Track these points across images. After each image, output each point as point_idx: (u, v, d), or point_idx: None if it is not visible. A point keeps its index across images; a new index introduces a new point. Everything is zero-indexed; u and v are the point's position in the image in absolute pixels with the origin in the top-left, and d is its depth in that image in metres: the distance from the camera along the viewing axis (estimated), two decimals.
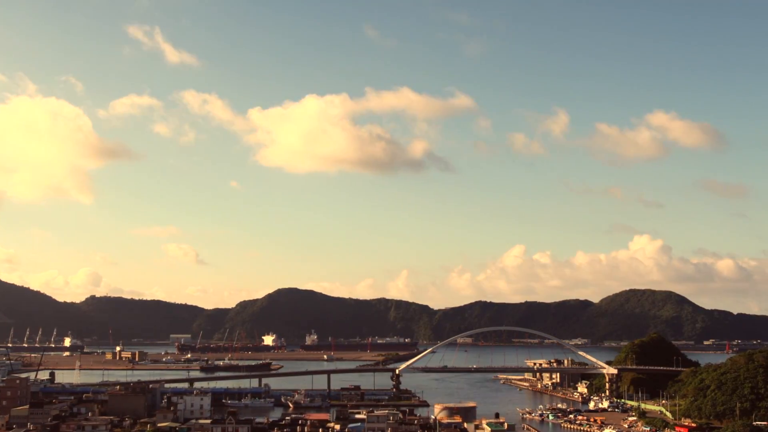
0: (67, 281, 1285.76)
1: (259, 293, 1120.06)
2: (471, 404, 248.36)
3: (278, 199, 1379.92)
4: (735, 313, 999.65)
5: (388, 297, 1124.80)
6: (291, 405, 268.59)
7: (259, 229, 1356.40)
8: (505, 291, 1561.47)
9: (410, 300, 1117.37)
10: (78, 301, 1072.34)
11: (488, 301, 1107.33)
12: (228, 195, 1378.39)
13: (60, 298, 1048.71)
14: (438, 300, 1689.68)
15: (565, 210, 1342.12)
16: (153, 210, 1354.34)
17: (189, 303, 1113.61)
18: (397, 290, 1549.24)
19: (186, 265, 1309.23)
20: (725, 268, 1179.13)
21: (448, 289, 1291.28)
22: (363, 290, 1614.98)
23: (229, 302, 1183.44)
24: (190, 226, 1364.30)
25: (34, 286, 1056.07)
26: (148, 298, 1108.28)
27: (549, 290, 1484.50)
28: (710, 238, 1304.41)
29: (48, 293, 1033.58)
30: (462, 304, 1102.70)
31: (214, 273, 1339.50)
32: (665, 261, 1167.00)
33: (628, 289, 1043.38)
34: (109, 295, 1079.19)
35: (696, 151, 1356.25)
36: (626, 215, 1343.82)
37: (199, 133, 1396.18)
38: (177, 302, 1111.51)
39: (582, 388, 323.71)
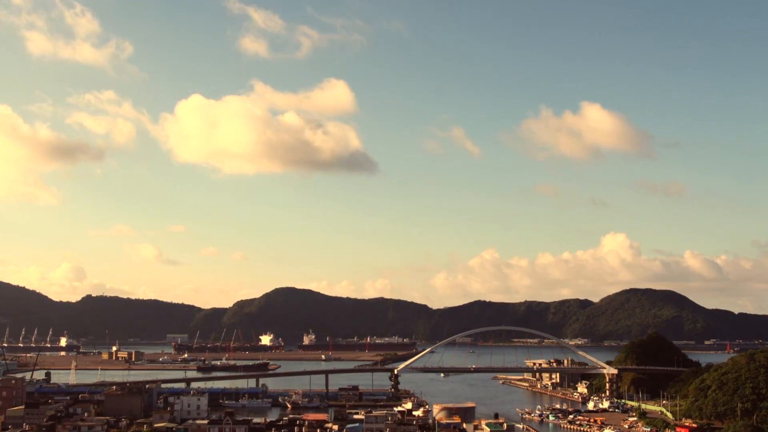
0: (44, 277, 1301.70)
1: (237, 295, 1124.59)
2: (470, 404, 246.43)
3: (238, 200, 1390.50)
4: (736, 312, 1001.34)
5: (386, 296, 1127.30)
6: (289, 405, 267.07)
7: (225, 230, 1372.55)
8: (482, 291, 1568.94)
9: (408, 299, 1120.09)
10: (74, 301, 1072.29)
11: (487, 300, 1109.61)
12: (193, 195, 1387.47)
13: (51, 297, 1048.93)
14: (436, 299, 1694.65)
15: (510, 210, 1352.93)
16: (115, 210, 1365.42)
17: (185, 302, 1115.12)
18: (375, 290, 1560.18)
19: (151, 263, 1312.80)
20: (698, 267, 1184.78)
21: (427, 288, 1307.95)
22: (341, 290, 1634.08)
23: (226, 302, 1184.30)
24: (152, 226, 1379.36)
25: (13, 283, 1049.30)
26: (139, 298, 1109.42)
27: (526, 291, 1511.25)
28: (664, 237, 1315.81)
29: (43, 292, 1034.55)
30: (460, 303, 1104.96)
31: (184, 272, 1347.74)
32: (637, 260, 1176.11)
33: (628, 288, 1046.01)
34: (104, 294, 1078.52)
35: (620, 150, 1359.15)
36: (575, 214, 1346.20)
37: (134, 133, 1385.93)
38: (173, 302, 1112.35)
39: (582, 389, 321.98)
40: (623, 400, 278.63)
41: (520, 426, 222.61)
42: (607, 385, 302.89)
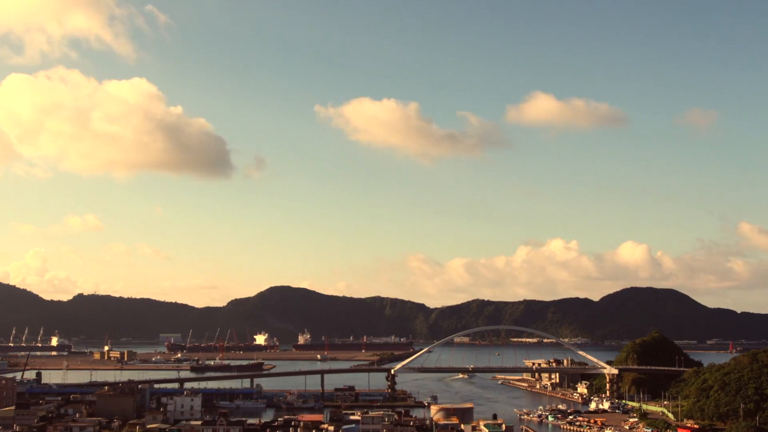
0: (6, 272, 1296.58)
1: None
2: (468, 405, 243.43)
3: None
4: (738, 312, 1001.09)
5: (383, 295, 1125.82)
6: (284, 406, 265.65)
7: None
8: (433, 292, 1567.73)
9: (406, 298, 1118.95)
10: (65, 300, 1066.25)
11: (486, 299, 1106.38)
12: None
13: (43, 296, 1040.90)
14: (434, 298, 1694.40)
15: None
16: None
17: (179, 301, 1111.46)
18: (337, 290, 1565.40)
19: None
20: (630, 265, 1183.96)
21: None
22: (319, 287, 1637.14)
23: (221, 301, 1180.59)
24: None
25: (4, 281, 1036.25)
26: (135, 297, 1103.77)
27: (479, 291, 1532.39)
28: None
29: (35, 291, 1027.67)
30: (459, 302, 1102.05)
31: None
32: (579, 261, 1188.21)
33: (629, 287, 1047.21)
34: (96, 293, 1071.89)
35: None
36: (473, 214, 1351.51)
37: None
38: (166, 300, 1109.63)
39: (582, 389, 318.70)
40: (624, 401, 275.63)
41: (522, 427, 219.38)
42: (608, 385, 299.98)
